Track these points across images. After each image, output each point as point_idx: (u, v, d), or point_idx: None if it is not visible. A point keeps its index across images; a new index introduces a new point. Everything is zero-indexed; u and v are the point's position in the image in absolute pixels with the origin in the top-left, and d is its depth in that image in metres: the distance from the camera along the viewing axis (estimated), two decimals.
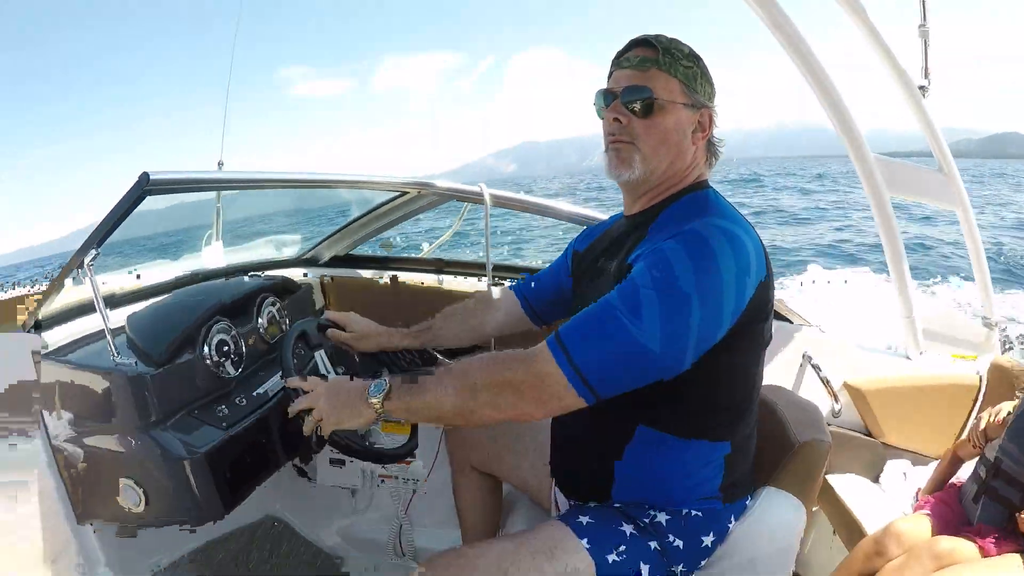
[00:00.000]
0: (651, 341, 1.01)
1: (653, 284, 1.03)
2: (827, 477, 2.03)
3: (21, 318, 1.63)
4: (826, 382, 2.07)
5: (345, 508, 2.32)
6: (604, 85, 1.27)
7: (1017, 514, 1.49)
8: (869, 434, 2.10)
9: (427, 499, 2.11)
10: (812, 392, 1.96)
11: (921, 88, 1.93)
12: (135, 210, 1.38)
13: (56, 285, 1.53)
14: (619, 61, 1.23)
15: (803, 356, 2.13)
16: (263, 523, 2.25)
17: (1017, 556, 1.44)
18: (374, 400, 1.17)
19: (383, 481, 2.17)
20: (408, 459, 2.09)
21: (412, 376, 1.19)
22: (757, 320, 1.14)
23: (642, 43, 1.21)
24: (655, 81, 1.18)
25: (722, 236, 1.07)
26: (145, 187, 1.30)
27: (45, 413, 1.57)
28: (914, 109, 1.96)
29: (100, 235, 1.39)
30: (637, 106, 1.19)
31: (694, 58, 1.21)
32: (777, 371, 2.11)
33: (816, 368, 2.08)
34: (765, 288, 1.13)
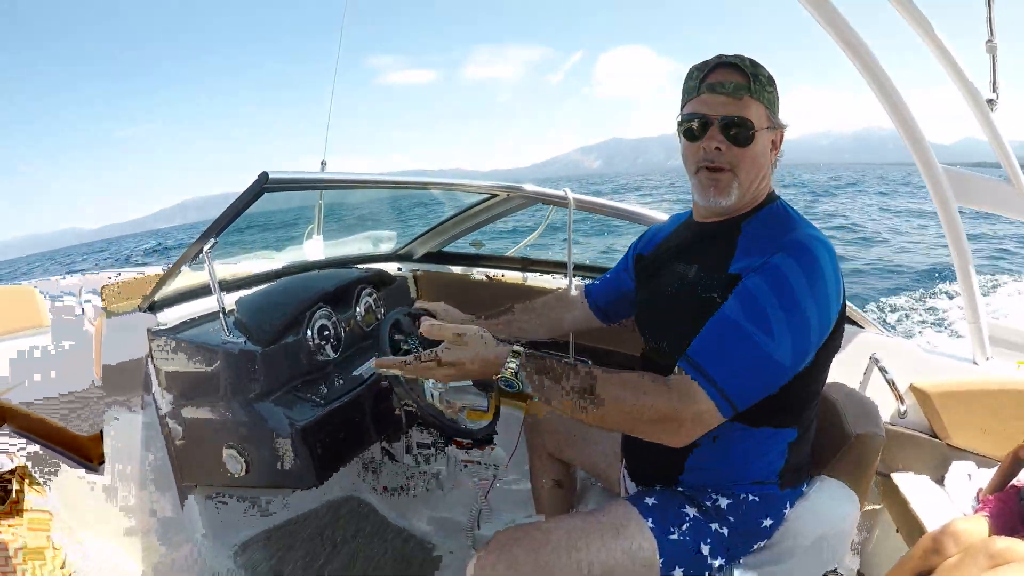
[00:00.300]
0: (784, 357, 1.07)
1: (779, 302, 1.08)
2: (892, 476, 2.04)
3: (134, 302, 1.79)
4: (892, 384, 2.07)
5: (429, 492, 2.42)
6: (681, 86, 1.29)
7: None
8: (935, 435, 2.11)
9: (509, 485, 2.22)
10: (877, 394, 1.97)
11: (989, 102, 1.93)
12: (252, 206, 1.48)
13: (174, 270, 1.67)
14: (712, 85, 1.21)
15: (870, 359, 2.14)
16: (348, 502, 2.38)
17: None
18: (515, 353, 1.17)
19: (466, 466, 2.28)
20: (491, 445, 2.20)
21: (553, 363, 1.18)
22: (839, 322, 1.20)
23: (731, 66, 1.22)
24: (750, 110, 1.20)
25: (820, 246, 1.13)
26: (264, 185, 1.41)
27: (155, 386, 1.74)
28: (982, 122, 1.96)
29: (219, 226, 1.52)
30: (739, 137, 1.21)
31: (773, 81, 1.23)
32: (844, 372, 2.11)
33: (883, 370, 2.09)
34: (844, 291, 1.20)
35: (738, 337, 1.08)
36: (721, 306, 1.14)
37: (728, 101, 1.20)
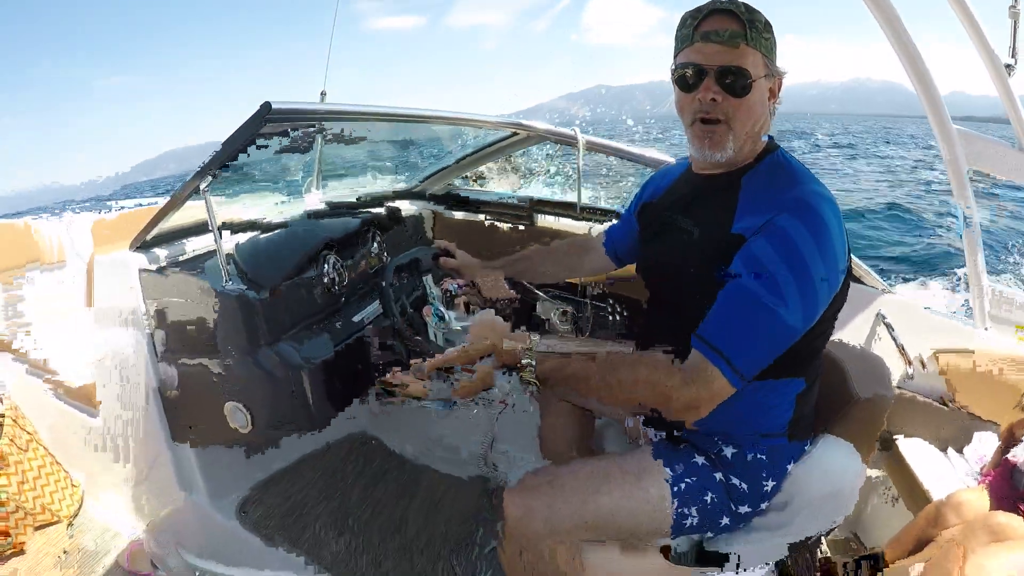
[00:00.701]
0: (797, 321, 1.07)
1: (788, 266, 1.06)
2: (896, 440, 2.03)
3: (126, 241, 1.71)
4: (901, 348, 2.07)
5: (433, 424, 2.40)
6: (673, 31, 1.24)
7: None
8: (942, 401, 2.08)
9: (514, 419, 2.20)
10: (884, 353, 1.97)
11: (1008, 67, 1.91)
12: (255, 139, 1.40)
13: (169, 208, 1.59)
14: (706, 33, 1.17)
15: (876, 316, 2.12)
16: (354, 438, 2.37)
17: None
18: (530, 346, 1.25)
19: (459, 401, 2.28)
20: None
21: (559, 352, 1.25)
22: (847, 273, 1.19)
23: (725, 12, 1.17)
24: (746, 59, 1.15)
25: (824, 202, 1.11)
26: (266, 115, 1.33)
27: (151, 328, 1.68)
28: (999, 86, 1.94)
29: (219, 161, 1.42)
30: (735, 86, 1.17)
31: (770, 27, 1.18)
32: (850, 330, 2.12)
33: (889, 327, 2.09)
34: (848, 245, 1.19)
35: (752, 309, 1.08)
36: (729, 276, 1.13)
37: (724, 50, 1.16)
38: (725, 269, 1.12)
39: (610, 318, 2.44)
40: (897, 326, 2.09)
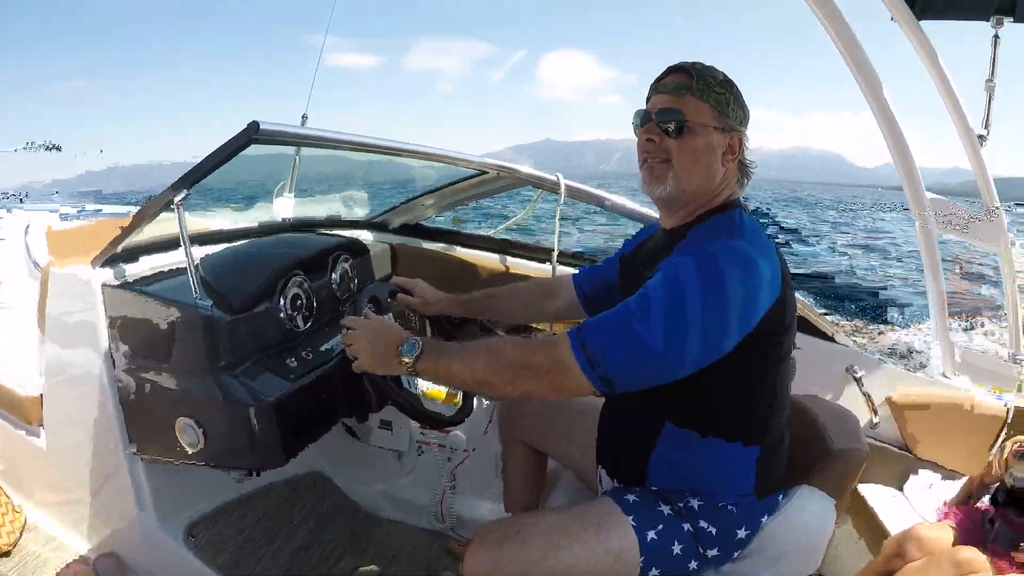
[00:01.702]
0: (655, 342, 1.10)
1: (664, 293, 1.13)
2: (858, 486, 2.10)
3: (86, 255, 1.65)
4: (867, 396, 2.15)
5: (390, 471, 2.35)
6: (634, 99, 1.33)
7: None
8: (903, 447, 2.18)
9: (470, 470, 2.17)
10: (852, 405, 2.04)
11: (980, 137, 2.07)
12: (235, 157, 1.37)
13: (138, 223, 1.54)
14: (657, 86, 1.30)
15: (846, 370, 2.20)
16: (307, 477, 2.29)
17: None
18: (406, 359, 1.26)
19: (421, 448, 2.23)
20: (449, 429, 2.16)
21: (443, 344, 1.29)
22: (773, 334, 1.23)
23: (679, 70, 1.28)
24: (688, 105, 1.26)
25: (733, 258, 1.15)
26: (253, 135, 1.31)
27: (107, 346, 1.61)
28: (971, 155, 2.10)
29: (196, 177, 1.40)
30: (670, 127, 1.27)
31: (727, 84, 1.27)
32: (821, 383, 2.20)
33: (859, 382, 2.17)
34: (782, 303, 1.21)
35: (618, 314, 1.15)
36: None
37: (669, 98, 1.28)
38: None
39: None
40: (867, 379, 2.19)
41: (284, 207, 2.73)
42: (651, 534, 1.27)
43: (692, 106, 1.26)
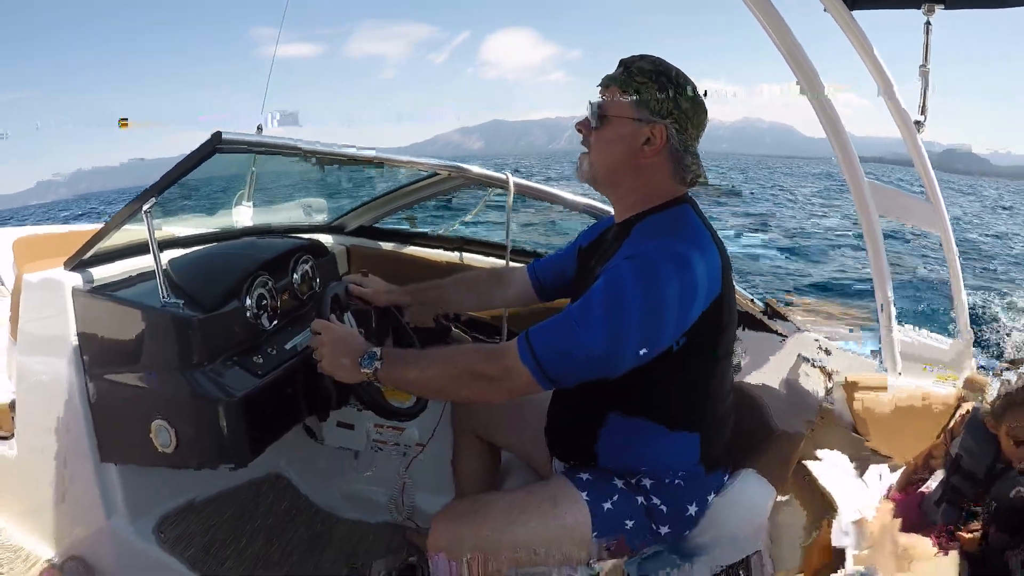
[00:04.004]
0: (595, 345, 1.20)
1: (603, 298, 1.21)
2: (807, 464, 2.22)
3: (53, 260, 1.68)
4: (821, 379, 2.21)
5: (348, 469, 2.41)
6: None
7: (961, 527, 1.64)
8: (855, 431, 2.29)
9: (425, 465, 2.25)
10: (803, 389, 2.12)
11: (917, 123, 2.10)
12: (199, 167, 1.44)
13: (108, 230, 1.59)
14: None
15: (798, 356, 2.29)
16: (267, 479, 2.32)
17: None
18: (366, 369, 1.36)
19: (377, 447, 2.32)
20: (401, 427, 2.26)
21: (402, 353, 1.40)
22: (711, 332, 1.31)
23: (619, 64, 1.35)
24: (609, 97, 1.33)
25: (671, 260, 1.22)
26: (217, 145, 1.37)
27: (78, 351, 1.63)
28: (909, 141, 2.13)
29: (162, 185, 1.46)
30: (592, 119, 1.35)
31: (654, 75, 1.30)
32: (773, 367, 2.27)
33: (811, 362, 2.25)
34: (720, 302, 1.29)
35: (564, 321, 1.23)
36: None
37: (600, 92, 1.35)
38: None
39: None
40: (818, 363, 2.25)
41: (243, 215, 2.78)
42: (606, 505, 1.34)
43: (611, 97, 1.32)
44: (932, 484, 1.90)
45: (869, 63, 2.03)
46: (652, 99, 1.29)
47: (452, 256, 2.77)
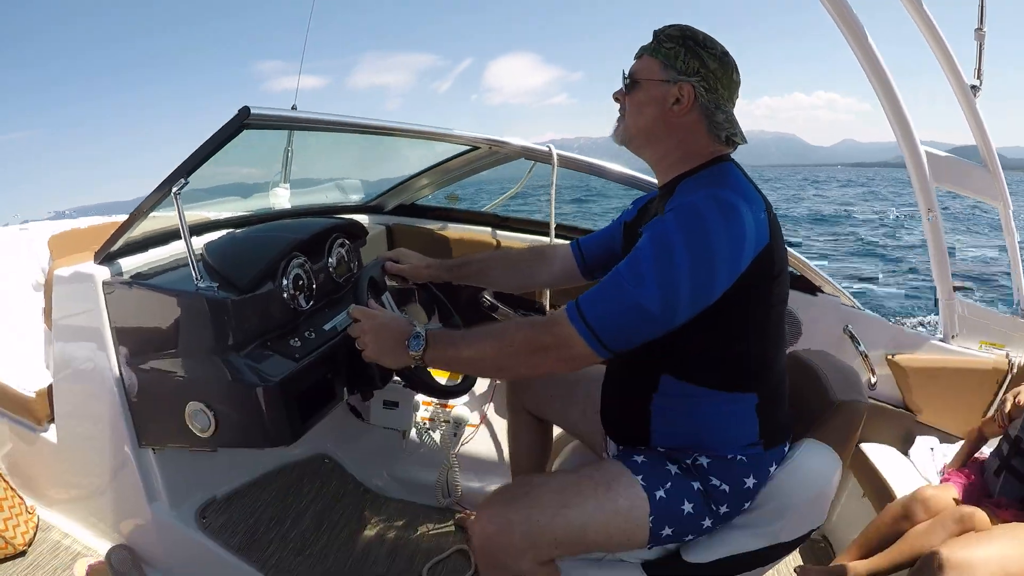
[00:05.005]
0: (650, 303, 1.14)
1: (651, 253, 1.17)
2: (860, 444, 2.13)
3: (86, 253, 1.68)
4: (864, 355, 2.18)
5: (395, 449, 2.39)
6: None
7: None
8: (903, 407, 2.19)
9: (475, 446, 2.20)
10: (855, 363, 2.04)
11: (973, 88, 2.06)
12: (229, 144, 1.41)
13: (137, 217, 1.56)
14: None
15: (843, 329, 2.23)
16: (314, 460, 2.33)
17: None
18: (414, 353, 1.30)
19: (425, 426, 2.26)
20: (450, 404, 2.19)
21: (448, 333, 1.34)
22: (762, 281, 1.25)
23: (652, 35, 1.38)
24: (641, 64, 1.36)
25: (716, 207, 1.18)
26: (245, 120, 1.34)
27: (113, 340, 1.63)
28: (965, 107, 2.09)
29: (191, 165, 1.42)
30: (626, 85, 1.38)
31: (679, 39, 1.33)
32: (820, 341, 2.23)
33: (855, 340, 2.20)
34: (770, 252, 1.23)
35: (613, 283, 1.19)
36: None
37: (633, 63, 1.40)
38: None
39: None
40: (865, 339, 2.21)
41: (280, 198, 2.75)
42: (660, 493, 1.28)
43: (644, 64, 1.35)
44: (987, 451, 1.90)
45: (923, 27, 2.00)
46: (679, 59, 1.32)
47: (492, 234, 2.71)
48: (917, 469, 2.06)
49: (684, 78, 1.31)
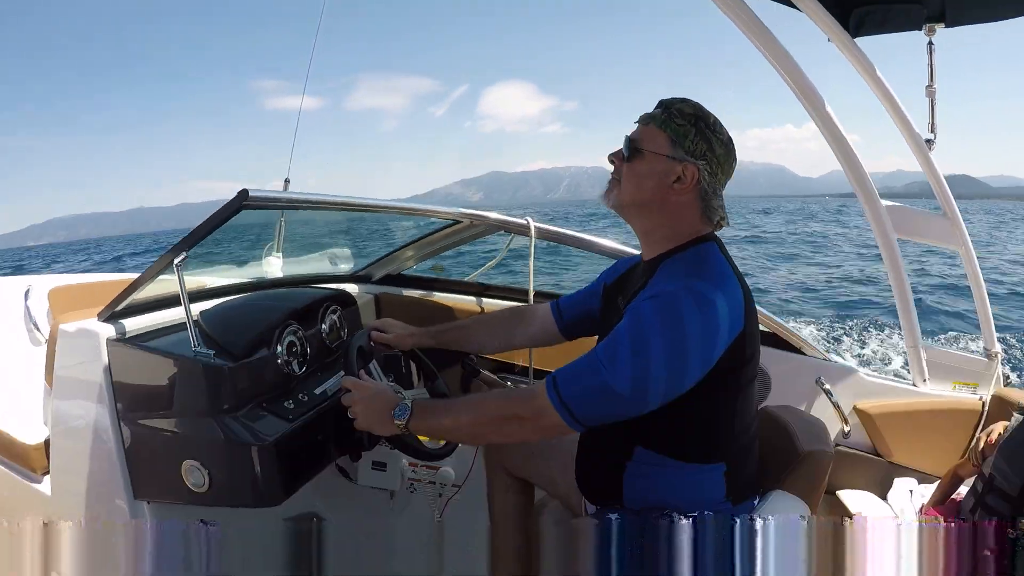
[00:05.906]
0: (622, 387, 1.22)
1: (629, 340, 1.23)
2: (837, 493, 2.19)
3: (89, 310, 1.74)
4: (836, 406, 2.26)
5: (382, 510, 2.43)
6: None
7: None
8: (878, 454, 2.27)
9: (460, 504, 2.25)
10: (823, 416, 2.11)
11: (928, 141, 2.14)
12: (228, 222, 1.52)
13: (142, 282, 1.65)
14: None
15: (816, 382, 2.31)
16: (303, 518, 2.32)
17: None
18: (398, 421, 1.42)
19: (412, 486, 2.32)
20: (437, 465, 2.25)
21: (432, 403, 1.47)
22: (735, 366, 1.32)
23: (659, 105, 1.40)
24: (646, 134, 1.38)
25: (692, 301, 1.24)
26: (243, 202, 1.45)
27: (113, 398, 1.68)
28: (921, 159, 2.16)
29: (193, 240, 1.54)
30: (625, 152, 1.40)
31: (691, 118, 1.35)
32: (790, 395, 2.29)
33: (828, 393, 2.28)
34: (743, 337, 1.30)
35: (590, 363, 1.27)
36: None
37: (636, 128, 1.41)
38: None
39: None
40: (836, 390, 2.29)
41: (273, 267, 2.87)
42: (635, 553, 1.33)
43: (649, 134, 1.37)
44: (963, 491, 1.95)
45: (876, 88, 2.08)
46: (688, 139, 1.35)
47: (474, 301, 2.83)
48: (894, 511, 2.11)
49: (691, 159, 1.34)
